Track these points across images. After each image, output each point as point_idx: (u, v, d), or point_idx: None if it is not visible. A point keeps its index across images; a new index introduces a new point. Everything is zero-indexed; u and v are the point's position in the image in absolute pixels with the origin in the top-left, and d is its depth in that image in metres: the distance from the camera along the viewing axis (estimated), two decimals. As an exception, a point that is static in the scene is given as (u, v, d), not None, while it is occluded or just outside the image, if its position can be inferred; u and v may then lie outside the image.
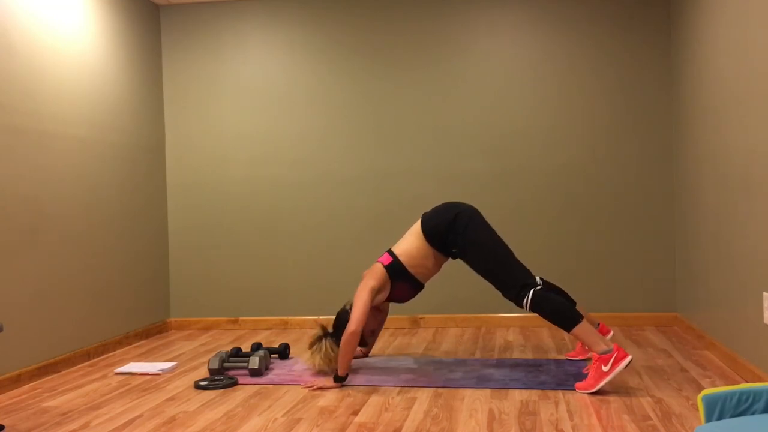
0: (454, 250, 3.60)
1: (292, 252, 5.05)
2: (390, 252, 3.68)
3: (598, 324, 3.77)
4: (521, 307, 3.41)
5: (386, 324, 4.93)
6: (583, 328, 3.27)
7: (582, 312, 3.68)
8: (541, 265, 4.83)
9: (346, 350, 3.43)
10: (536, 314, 3.44)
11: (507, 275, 3.47)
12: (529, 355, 3.97)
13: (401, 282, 3.65)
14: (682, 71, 4.44)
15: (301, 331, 4.94)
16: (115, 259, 4.50)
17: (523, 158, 4.84)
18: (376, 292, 3.58)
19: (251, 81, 5.10)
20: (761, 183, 3.11)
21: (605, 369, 3.15)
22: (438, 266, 3.70)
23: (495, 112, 4.87)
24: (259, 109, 5.09)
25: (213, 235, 5.14)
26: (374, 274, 3.61)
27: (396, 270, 3.62)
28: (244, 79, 5.11)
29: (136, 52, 4.84)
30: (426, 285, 4.89)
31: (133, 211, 4.74)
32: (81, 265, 4.16)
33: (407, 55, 4.94)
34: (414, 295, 3.77)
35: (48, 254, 3.87)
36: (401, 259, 3.63)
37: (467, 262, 3.56)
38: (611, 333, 3.76)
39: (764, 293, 3.09)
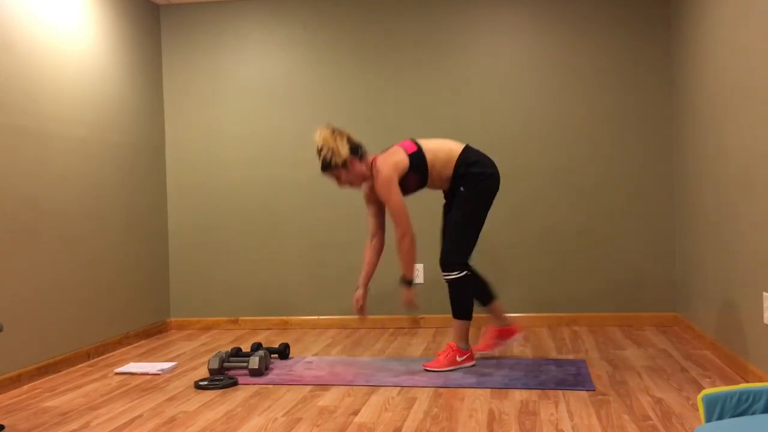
0: (461, 189, 3.63)
1: (292, 252, 5.05)
2: (414, 141, 3.68)
3: (508, 325, 3.93)
4: (446, 272, 3.60)
5: (385, 324, 4.94)
6: (464, 325, 3.67)
7: (500, 308, 3.88)
8: (541, 264, 4.83)
9: (410, 257, 3.59)
10: (447, 285, 3.65)
11: (466, 243, 3.63)
12: (529, 355, 3.97)
13: (414, 174, 3.64)
14: (682, 70, 4.44)
15: (301, 331, 4.94)
16: (115, 259, 4.50)
17: (522, 158, 4.84)
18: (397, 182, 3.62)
19: (251, 81, 5.10)
20: (761, 183, 3.11)
21: (459, 359, 3.65)
22: (438, 185, 3.73)
23: (495, 112, 4.87)
24: (259, 109, 5.09)
25: (213, 235, 5.14)
26: (396, 165, 3.58)
27: (417, 161, 3.62)
28: (244, 79, 5.11)
29: (136, 52, 4.84)
30: (426, 284, 4.89)
31: (133, 211, 4.74)
32: (81, 265, 4.16)
33: (407, 55, 4.93)
34: (413, 192, 3.75)
35: (48, 254, 3.87)
36: (426, 154, 3.64)
37: (454, 205, 3.64)
38: (516, 335, 3.94)
39: (764, 293, 3.09)
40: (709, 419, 1.79)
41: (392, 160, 3.59)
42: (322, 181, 5.02)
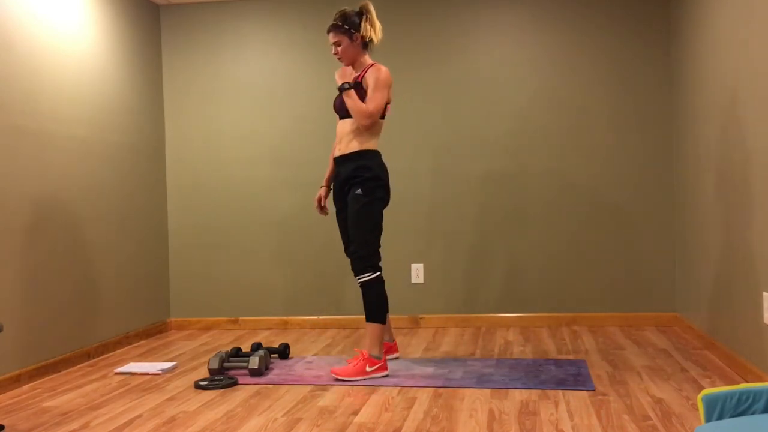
0: (357, 191, 3.60)
1: (292, 252, 5.05)
2: None
3: (393, 341, 3.95)
4: (360, 273, 3.56)
5: (386, 324, 4.95)
6: (380, 329, 3.57)
7: (389, 323, 3.92)
8: (541, 264, 4.83)
9: (356, 107, 3.53)
10: (361, 289, 3.61)
11: (374, 242, 3.60)
12: (529, 355, 3.97)
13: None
14: (682, 70, 4.44)
15: (301, 330, 4.94)
16: (115, 259, 4.50)
17: (521, 158, 4.84)
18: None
19: (251, 81, 5.10)
20: (761, 183, 3.11)
21: (368, 369, 3.52)
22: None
23: (495, 112, 4.87)
24: (259, 109, 5.09)
25: (213, 235, 5.14)
26: (388, 82, 3.60)
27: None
28: (244, 79, 5.11)
29: (136, 52, 4.84)
30: (426, 284, 4.90)
31: (133, 211, 4.74)
32: (81, 264, 4.16)
33: (407, 55, 4.93)
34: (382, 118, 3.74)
35: (48, 254, 3.87)
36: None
37: (352, 200, 3.59)
38: (397, 354, 3.95)
39: (764, 293, 3.09)
40: (709, 419, 1.79)
41: (384, 76, 3.61)
42: (322, 181, 5.01)
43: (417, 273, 4.92)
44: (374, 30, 3.66)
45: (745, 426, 1.66)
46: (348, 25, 3.63)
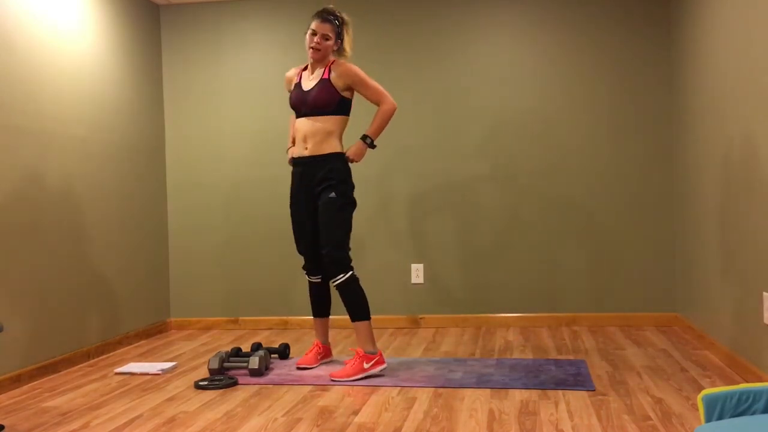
0: (331, 195, 3.62)
1: (292, 252, 5.05)
2: None
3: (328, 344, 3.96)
4: (334, 276, 3.56)
5: (386, 324, 4.94)
6: (368, 325, 3.60)
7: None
8: (541, 264, 4.83)
9: (387, 122, 3.68)
10: (338, 289, 3.61)
11: (348, 243, 3.62)
12: (529, 355, 3.97)
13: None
14: (682, 70, 4.44)
15: (301, 331, 4.94)
16: (115, 259, 4.50)
17: (522, 158, 4.84)
18: None
19: (251, 81, 5.10)
20: (761, 182, 3.11)
21: (366, 366, 3.54)
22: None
23: (495, 112, 4.87)
24: (259, 108, 5.09)
25: (213, 235, 5.14)
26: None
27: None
28: (245, 78, 5.11)
29: (136, 51, 4.84)
30: (426, 284, 4.90)
31: (133, 211, 4.74)
32: (81, 264, 4.16)
33: (406, 55, 4.93)
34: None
35: (48, 254, 3.87)
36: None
37: (325, 204, 3.61)
38: (330, 359, 3.95)
39: (764, 293, 3.09)
40: (709, 419, 1.79)
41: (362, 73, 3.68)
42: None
43: (417, 273, 4.92)
44: (349, 46, 3.75)
45: (745, 426, 1.66)
46: (341, 28, 3.69)
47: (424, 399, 3.17)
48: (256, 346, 3.94)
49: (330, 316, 4.03)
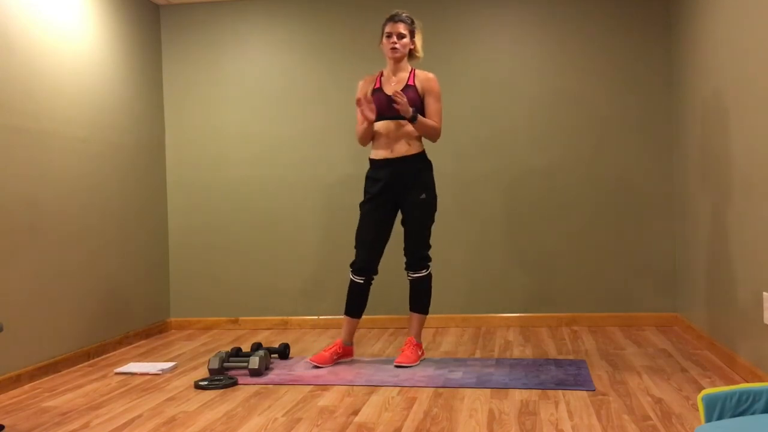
0: (422, 196, 3.82)
1: (292, 252, 5.05)
2: None
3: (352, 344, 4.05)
4: (421, 270, 3.83)
5: (386, 324, 4.95)
6: (425, 319, 3.95)
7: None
8: (541, 264, 4.83)
9: (429, 131, 3.79)
10: (415, 282, 3.86)
11: (428, 240, 3.86)
12: (529, 355, 3.97)
13: None
14: (682, 70, 4.44)
15: (301, 330, 4.94)
16: (115, 259, 4.50)
17: (522, 158, 4.84)
18: None
19: (251, 81, 5.10)
20: (761, 183, 3.11)
21: (419, 353, 3.85)
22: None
23: (494, 112, 4.87)
24: (259, 108, 5.09)
25: (213, 235, 5.14)
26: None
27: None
28: (244, 79, 5.11)
29: (136, 51, 4.84)
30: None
31: (133, 210, 4.74)
32: (81, 264, 4.16)
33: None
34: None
35: (48, 254, 3.87)
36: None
37: (417, 205, 3.79)
38: (351, 358, 4.01)
39: (764, 293, 3.09)
40: (709, 419, 1.79)
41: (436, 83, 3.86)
42: (322, 181, 5.02)
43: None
44: (420, 46, 3.90)
45: (745, 426, 1.66)
46: (413, 26, 3.85)
47: (424, 399, 3.17)
48: (256, 346, 3.94)
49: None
